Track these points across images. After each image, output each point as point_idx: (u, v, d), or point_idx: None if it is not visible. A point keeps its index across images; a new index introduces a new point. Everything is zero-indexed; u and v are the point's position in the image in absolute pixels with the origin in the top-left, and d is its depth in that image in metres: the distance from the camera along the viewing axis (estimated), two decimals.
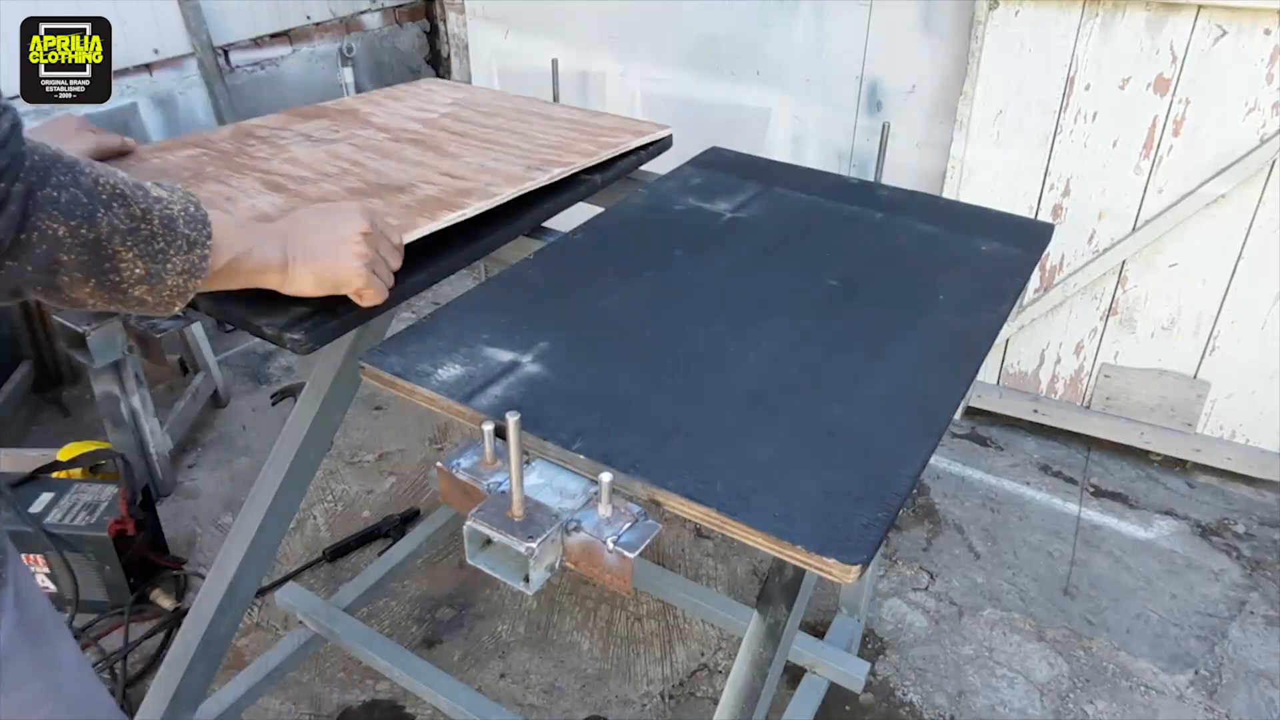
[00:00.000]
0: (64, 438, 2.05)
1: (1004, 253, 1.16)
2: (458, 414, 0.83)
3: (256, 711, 1.66)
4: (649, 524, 0.74)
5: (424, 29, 3.41)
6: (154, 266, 0.71)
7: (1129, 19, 1.94)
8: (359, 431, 2.46)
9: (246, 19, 2.81)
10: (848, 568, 0.66)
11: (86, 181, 0.67)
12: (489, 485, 0.77)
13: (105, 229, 0.68)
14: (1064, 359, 2.35)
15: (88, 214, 0.67)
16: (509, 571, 0.73)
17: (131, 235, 0.69)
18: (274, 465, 1.28)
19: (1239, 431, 2.23)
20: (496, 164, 1.24)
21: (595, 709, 1.71)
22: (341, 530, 2.11)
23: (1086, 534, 2.13)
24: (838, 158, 2.51)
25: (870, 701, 1.72)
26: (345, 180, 1.17)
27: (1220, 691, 1.75)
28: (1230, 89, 1.92)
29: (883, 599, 1.95)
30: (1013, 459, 2.39)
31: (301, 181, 1.16)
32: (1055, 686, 1.76)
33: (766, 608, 0.90)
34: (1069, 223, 2.18)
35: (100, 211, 0.67)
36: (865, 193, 1.34)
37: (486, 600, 1.94)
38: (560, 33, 2.77)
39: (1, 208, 0.62)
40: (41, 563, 1.78)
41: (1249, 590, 1.98)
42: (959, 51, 2.18)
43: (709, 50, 2.56)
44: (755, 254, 1.14)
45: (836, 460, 0.77)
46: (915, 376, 0.89)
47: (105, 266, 0.69)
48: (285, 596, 1.70)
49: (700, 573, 2.03)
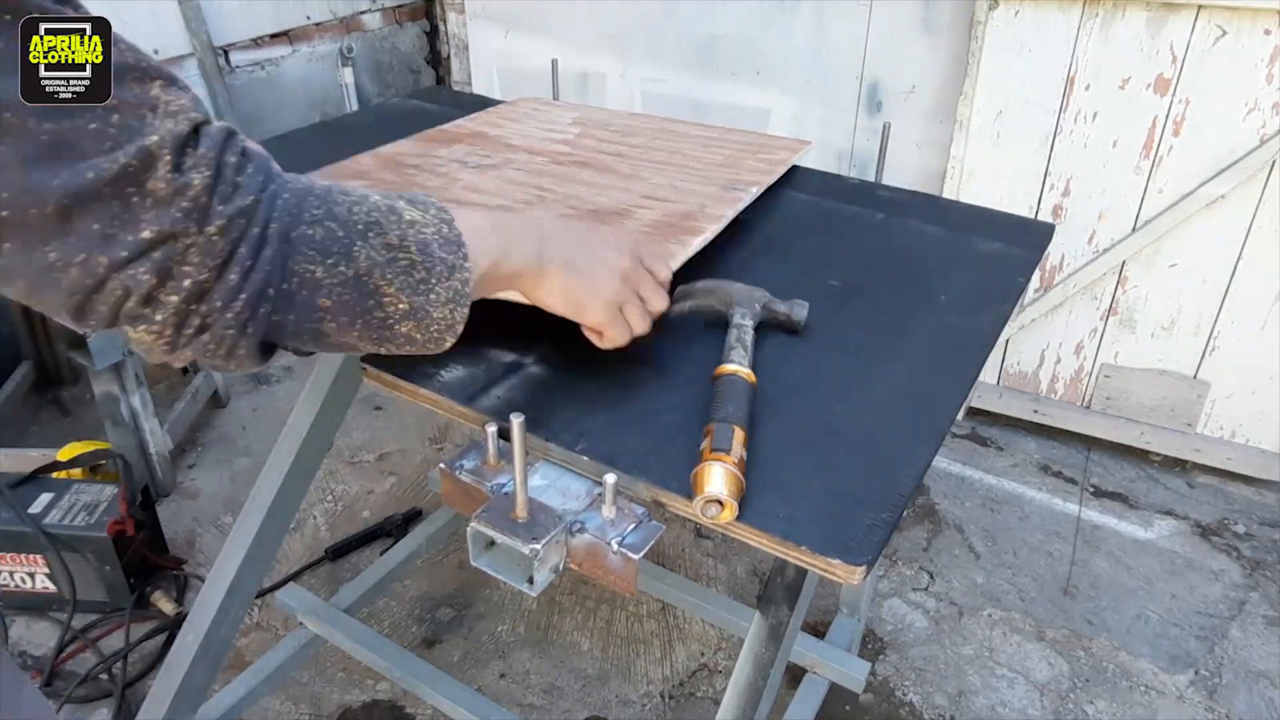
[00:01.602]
0: (64, 438, 2.05)
1: (1004, 253, 1.16)
2: (460, 415, 0.83)
3: (257, 712, 1.66)
4: (652, 525, 0.74)
5: (424, 29, 3.40)
6: (417, 299, 0.63)
7: (1129, 19, 1.94)
8: (359, 431, 2.46)
9: (246, 19, 2.80)
10: (852, 568, 0.66)
11: (341, 211, 0.60)
12: (492, 487, 0.77)
13: (365, 263, 0.60)
14: (1064, 359, 2.35)
15: (345, 249, 0.59)
16: (513, 573, 0.73)
17: (390, 267, 0.61)
18: (274, 465, 1.28)
19: (1239, 431, 2.23)
20: (687, 185, 1.19)
21: (595, 709, 1.71)
22: (341, 530, 2.11)
23: (1086, 534, 2.13)
24: (838, 158, 2.51)
25: (870, 701, 1.72)
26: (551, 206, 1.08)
27: (1220, 692, 1.75)
28: (1230, 89, 1.92)
29: (883, 599, 1.95)
30: (1013, 459, 2.39)
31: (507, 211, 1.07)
32: (1055, 686, 1.76)
33: (769, 608, 0.90)
34: (1069, 223, 2.18)
35: (358, 244, 0.60)
36: (865, 193, 1.34)
37: (486, 600, 1.94)
38: (560, 33, 2.77)
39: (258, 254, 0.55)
40: (40, 563, 1.78)
41: (1249, 590, 1.98)
42: (959, 52, 2.18)
43: (709, 50, 2.56)
44: (756, 254, 1.14)
45: (839, 461, 0.77)
46: (917, 377, 0.90)
47: (369, 305, 0.61)
48: (285, 597, 1.70)
49: (700, 573, 2.03)
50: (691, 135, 1.44)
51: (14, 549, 1.77)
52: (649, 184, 1.19)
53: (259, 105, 2.86)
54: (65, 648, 1.76)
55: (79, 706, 1.67)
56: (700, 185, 1.19)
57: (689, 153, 1.35)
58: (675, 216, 1.07)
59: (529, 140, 1.38)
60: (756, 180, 1.23)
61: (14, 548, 1.77)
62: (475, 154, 1.30)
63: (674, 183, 1.20)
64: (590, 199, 1.13)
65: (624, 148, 1.36)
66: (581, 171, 1.24)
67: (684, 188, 1.18)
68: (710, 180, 1.22)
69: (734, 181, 1.21)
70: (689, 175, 1.24)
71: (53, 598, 1.82)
